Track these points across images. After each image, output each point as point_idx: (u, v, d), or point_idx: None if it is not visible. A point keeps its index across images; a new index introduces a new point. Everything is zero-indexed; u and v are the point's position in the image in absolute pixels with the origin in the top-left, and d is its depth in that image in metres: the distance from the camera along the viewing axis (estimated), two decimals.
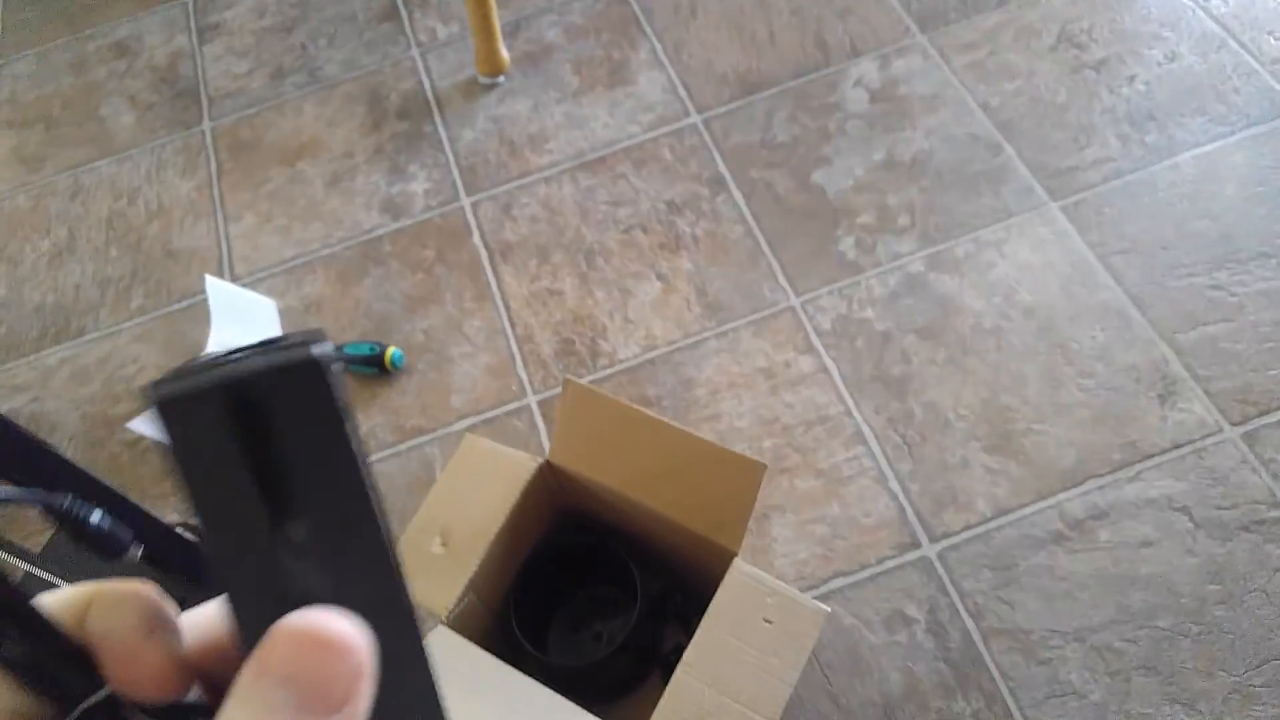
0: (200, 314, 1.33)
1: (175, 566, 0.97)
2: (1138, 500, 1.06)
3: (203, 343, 1.28)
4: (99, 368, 1.31)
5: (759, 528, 1.09)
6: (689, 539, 0.88)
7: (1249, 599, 0.99)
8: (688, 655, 0.78)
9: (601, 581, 1.02)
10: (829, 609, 0.78)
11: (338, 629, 0.19)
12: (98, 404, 1.27)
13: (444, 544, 0.88)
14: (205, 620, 0.23)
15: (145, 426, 1.20)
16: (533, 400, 1.21)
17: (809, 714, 0.99)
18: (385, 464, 1.18)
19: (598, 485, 0.89)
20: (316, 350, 0.20)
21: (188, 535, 0.98)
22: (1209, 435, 1.09)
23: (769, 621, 0.80)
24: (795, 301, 1.24)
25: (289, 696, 0.19)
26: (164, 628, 0.22)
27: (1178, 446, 1.08)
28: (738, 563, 0.82)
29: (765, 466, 0.79)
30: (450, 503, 0.90)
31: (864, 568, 1.06)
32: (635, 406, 0.85)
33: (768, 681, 0.77)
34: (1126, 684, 0.97)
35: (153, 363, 1.30)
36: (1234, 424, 1.09)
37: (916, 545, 1.06)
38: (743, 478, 0.81)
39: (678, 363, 1.21)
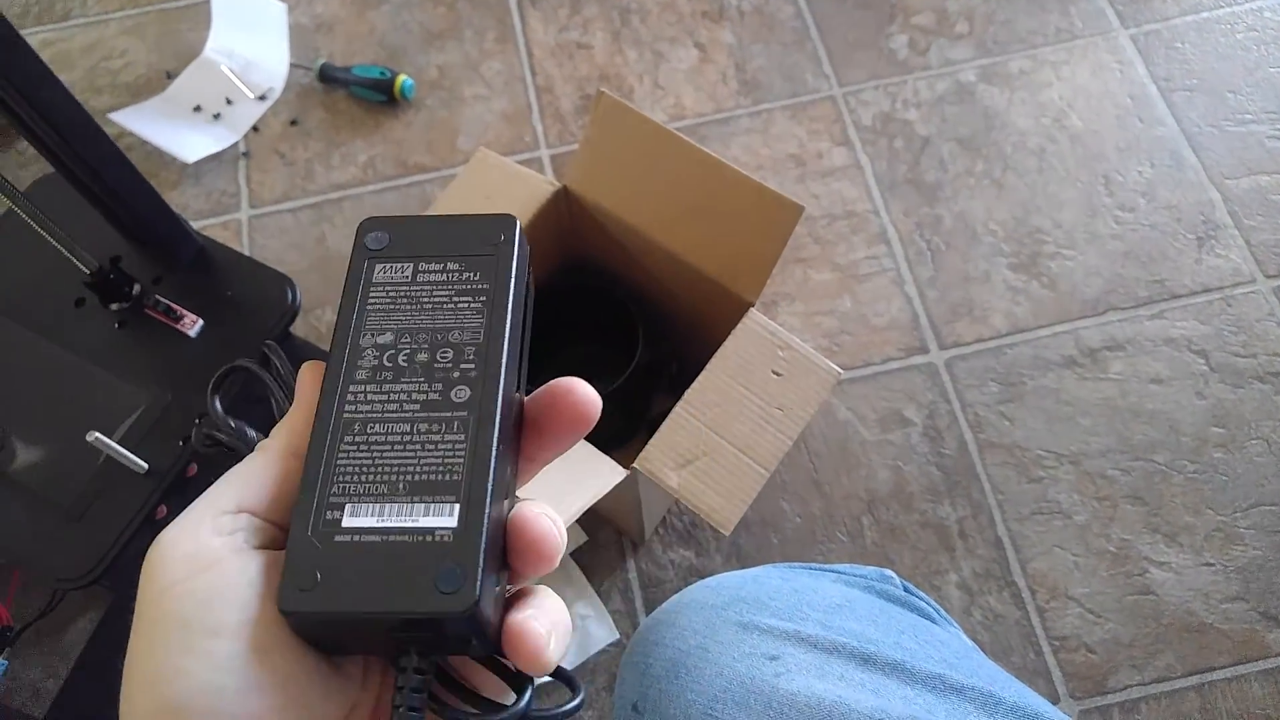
0: (199, 16, 1.22)
1: (156, 245, 0.91)
2: (1156, 338, 1.03)
3: (199, 46, 1.18)
4: (83, 55, 1.21)
5: (765, 313, 1.04)
6: (703, 293, 0.83)
7: (1250, 445, 0.97)
8: (688, 394, 0.74)
9: (599, 340, 0.97)
10: (842, 372, 0.74)
11: None
12: (79, 93, 1.15)
13: None
14: None
15: (129, 120, 1.12)
16: (545, 154, 1.14)
17: (791, 497, 0.97)
18: (382, 197, 1.11)
19: (615, 222, 0.83)
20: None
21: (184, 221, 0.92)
22: (1241, 284, 1.05)
23: (778, 374, 0.77)
24: (837, 91, 1.16)
25: None
26: None
27: (1207, 291, 1.05)
28: (753, 312, 0.78)
29: (803, 209, 0.74)
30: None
31: (867, 365, 1.02)
32: (672, 130, 0.78)
33: (768, 432, 0.74)
34: (1113, 510, 0.95)
35: (141, 59, 1.20)
36: (1268, 276, 1.05)
37: (924, 350, 1.03)
38: (776, 220, 0.76)
39: (704, 136, 1.13)
